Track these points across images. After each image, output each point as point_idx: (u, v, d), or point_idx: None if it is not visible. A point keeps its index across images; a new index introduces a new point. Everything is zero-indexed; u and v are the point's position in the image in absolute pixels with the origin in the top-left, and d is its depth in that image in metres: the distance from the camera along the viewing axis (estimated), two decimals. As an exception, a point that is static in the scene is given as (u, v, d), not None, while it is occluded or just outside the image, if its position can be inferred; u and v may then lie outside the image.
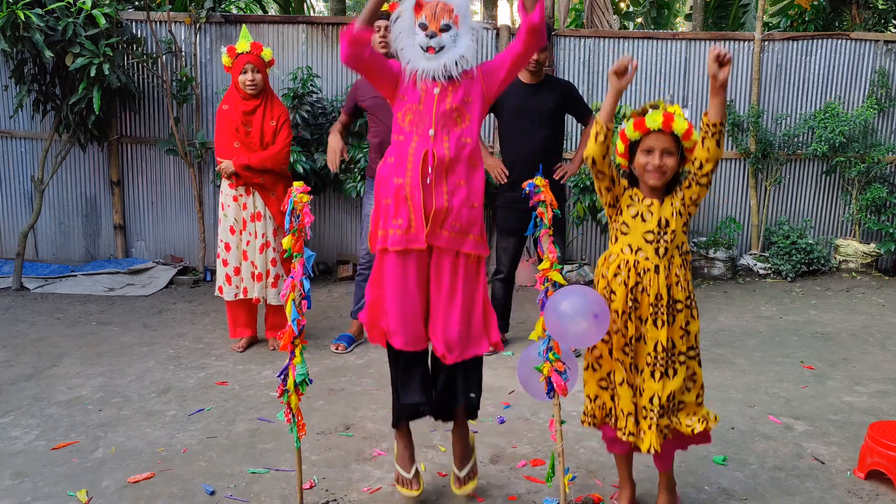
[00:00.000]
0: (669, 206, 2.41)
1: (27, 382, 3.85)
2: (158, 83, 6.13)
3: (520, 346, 4.51)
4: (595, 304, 2.37)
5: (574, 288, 2.44)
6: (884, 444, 2.80)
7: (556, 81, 4.43)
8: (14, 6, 5.00)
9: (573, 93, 4.38)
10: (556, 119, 4.33)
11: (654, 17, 9.95)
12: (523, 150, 4.25)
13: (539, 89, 4.27)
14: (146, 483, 2.82)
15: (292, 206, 2.40)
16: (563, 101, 4.31)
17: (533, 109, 4.26)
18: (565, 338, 2.39)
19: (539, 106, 4.23)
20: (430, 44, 2.44)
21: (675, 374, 2.41)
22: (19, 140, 6.28)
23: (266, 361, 4.21)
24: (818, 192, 6.77)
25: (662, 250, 2.39)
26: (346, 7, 9.23)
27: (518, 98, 4.24)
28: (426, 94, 2.49)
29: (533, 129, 4.26)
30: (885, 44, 6.54)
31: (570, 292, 2.40)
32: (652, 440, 2.40)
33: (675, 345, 2.41)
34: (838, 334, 4.89)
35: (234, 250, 4.28)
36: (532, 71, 4.23)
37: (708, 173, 2.38)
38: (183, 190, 6.35)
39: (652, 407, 2.41)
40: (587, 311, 2.34)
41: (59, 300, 5.50)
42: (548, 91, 4.28)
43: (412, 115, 2.50)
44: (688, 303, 2.43)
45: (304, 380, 2.40)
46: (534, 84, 4.28)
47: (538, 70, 4.24)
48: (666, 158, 2.37)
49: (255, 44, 4.17)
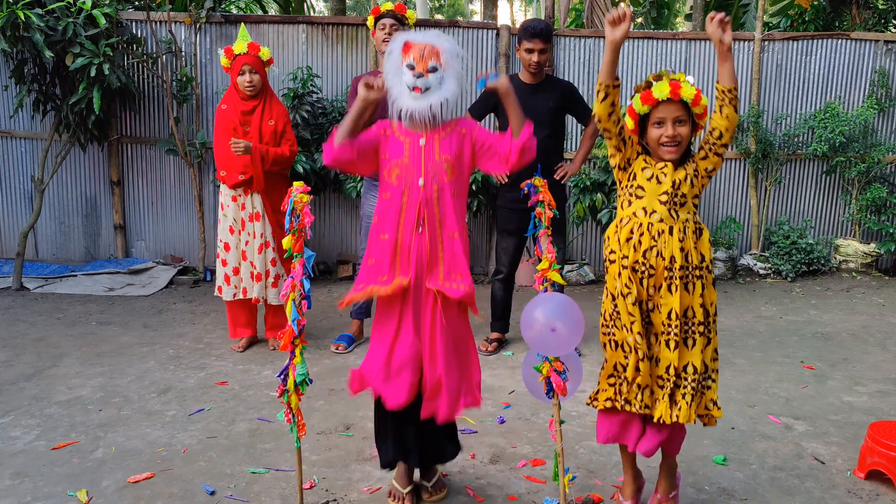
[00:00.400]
0: (683, 171, 2.39)
1: (27, 382, 3.85)
2: (158, 83, 6.13)
3: (520, 346, 4.51)
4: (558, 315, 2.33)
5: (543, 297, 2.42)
6: (884, 444, 2.80)
7: (557, 82, 4.43)
8: (14, 6, 5.00)
9: (574, 93, 4.37)
10: (556, 119, 4.31)
11: (655, 17, 9.96)
12: None
13: (539, 89, 4.25)
14: (146, 483, 2.82)
15: (292, 206, 2.40)
16: (563, 102, 4.31)
17: (533, 110, 4.16)
18: (539, 347, 2.39)
19: (539, 106, 4.18)
20: (416, 83, 2.45)
21: (693, 344, 2.36)
22: (19, 140, 6.28)
23: (266, 361, 4.21)
24: (818, 192, 6.77)
25: (675, 213, 2.36)
26: (347, 7, 9.24)
27: (518, 98, 4.18)
28: (412, 144, 2.52)
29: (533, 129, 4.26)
30: (885, 44, 6.54)
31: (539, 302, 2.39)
32: (663, 410, 2.36)
33: (695, 313, 2.37)
34: (838, 334, 4.89)
35: (233, 250, 4.28)
36: (532, 72, 4.21)
37: (727, 143, 2.37)
38: (183, 190, 6.35)
39: (668, 377, 2.36)
40: (547, 323, 2.32)
41: (60, 300, 5.50)
42: (548, 91, 4.27)
43: (399, 169, 2.51)
44: (704, 272, 2.38)
45: (304, 380, 2.40)
46: (534, 84, 4.26)
47: (538, 71, 4.22)
48: (679, 128, 2.34)
49: (252, 44, 4.15)
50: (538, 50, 4.14)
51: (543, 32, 4.13)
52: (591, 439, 3.21)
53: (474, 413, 3.48)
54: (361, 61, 6.24)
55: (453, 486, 2.81)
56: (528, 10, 21.95)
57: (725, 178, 6.67)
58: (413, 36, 2.53)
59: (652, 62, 6.44)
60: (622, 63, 6.44)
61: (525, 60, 4.20)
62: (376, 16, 4.42)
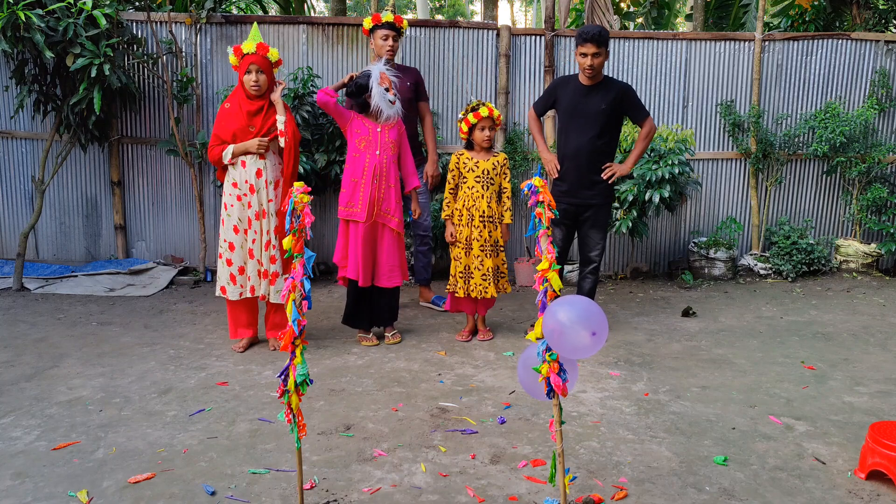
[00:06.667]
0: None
1: (28, 383, 3.85)
2: (159, 83, 6.13)
3: (520, 346, 4.51)
4: (596, 320, 2.34)
5: (577, 299, 2.42)
6: (885, 445, 2.80)
7: (613, 83, 4.53)
8: (15, 7, 5.00)
9: (629, 94, 4.50)
10: (608, 121, 4.46)
11: (655, 18, 9.95)
12: (570, 148, 4.52)
13: (594, 91, 4.45)
14: (147, 483, 2.82)
15: (292, 206, 2.40)
16: (617, 103, 4.45)
17: (584, 110, 4.45)
18: (562, 348, 2.38)
19: (590, 107, 4.42)
20: (391, 99, 4.35)
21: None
22: (20, 140, 6.29)
23: (266, 362, 4.22)
24: (819, 192, 6.77)
25: (485, 186, 4.49)
26: (347, 7, 9.24)
27: (573, 98, 4.50)
28: (373, 130, 4.38)
29: (582, 128, 4.47)
30: (885, 44, 6.54)
31: (572, 303, 2.39)
32: (493, 293, 4.53)
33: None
34: (839, 334, 4.89)
35: (238, 249, 4.28)
36: (588, 75, 4.41)
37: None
38: (183, 190, 6.36)
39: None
40: (587, 326, 2.32)
41: (60, 300, 5.50)
42: (603, 93, 4.44)
43: (365, 142, 4.36)
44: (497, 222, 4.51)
45: (305, 380, 2.40)
46: (589, 86, 4.46)
47: (594, 74, 4.40)
48: (491, 132, 4.49)
49: (260, 45, 4.17)
50: (591, 54, 4.32)
51: (596, 37, 4.30)
52: (591, 440, 3.21)
53: (475, 413, 3.49)
54: (361, 61, 6.24)
55: (453, 486, 2.82)
56: (528, 10, 21.94)
57: (726, 179, 6.67)
58: (380, 67, 4.39)
59: (652, 62, 6.44)
60: (623, 63, 6.44)
61: (580, 64, 4.41)
62: (376, 24, 5.10)
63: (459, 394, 3.75)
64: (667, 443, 3.20)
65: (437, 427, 3.33)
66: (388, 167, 4.37)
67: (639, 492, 2.77)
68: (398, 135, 4.44)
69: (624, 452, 3.10)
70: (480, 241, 4.50)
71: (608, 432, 3.30)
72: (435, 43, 6.29)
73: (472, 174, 4.51)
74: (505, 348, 4.51)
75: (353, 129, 4.35)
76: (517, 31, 6.38)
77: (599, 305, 2.69)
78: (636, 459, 3.04)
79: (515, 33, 6.36)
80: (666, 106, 6.53)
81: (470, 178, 4.51)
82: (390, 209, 4.39)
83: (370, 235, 4.38)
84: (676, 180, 5.74)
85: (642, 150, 4.60)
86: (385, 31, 5.08)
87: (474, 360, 4.29)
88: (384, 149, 4.34)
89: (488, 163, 4.50)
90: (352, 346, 4.51)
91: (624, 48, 6.42)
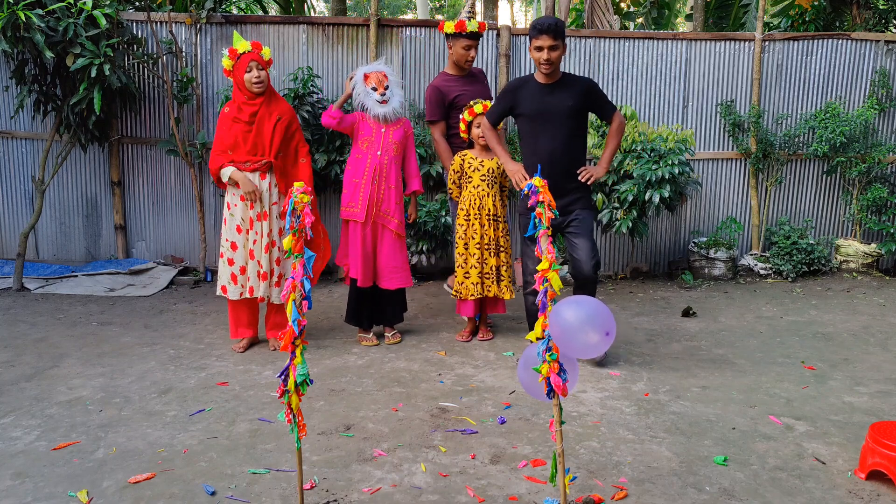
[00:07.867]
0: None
1: (28, 383, 3.85)
2: (159, 84, 6.13)
3: (520, 346, 4.51)
4: (607, 321, 2.34)
5: (586, 299, 2.43)
6: (885, 445, 2.80)
7: (575, 79, 4.16)
8: (15, 7, 5.00)
9: (595, 89, 4.15)
10: (575, 119, 4.11)
11: (655, 18, 9.95)
12: (542, 154, 4.05)
13: (557, 88, 4.07)
14: (147, 483, 2.82)
15: (292, 206, 2.40)
16: (583, 100, 4.09)
17: (551, 110, 4.05)
18: (570, 347, 2.38)
19: (557, 106, 4.04)
20: (382, 98, 4.34)
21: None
22: (20, 140, 6.28)
23: (267, 362, 4.22)
24: (819, 192, 6.76)
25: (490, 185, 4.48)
26: (347, 7, 9.24)
27: (535, 99, 4.09)
28: (376, 131, 4.39)
29: (552, 131, 4.07)
30: (885, 44, 6.54)
31: (582, 303, 2.39)
32: (496, 291, 4.53)
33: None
34: (839, 334, 4.89)
35: (240, 249, 4.29)
36: (545, 72, 4.03)
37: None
38: (183, 190, 6.35)
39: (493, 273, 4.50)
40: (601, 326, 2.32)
41: (60, 301, 5.50)
42: (567, 89, 4.07)
43: (367, 143, 4.39)
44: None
45: (305, 380, 2.40)
46: (551, 84, 4.08)
47: (552, 70, 4.03)
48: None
49: (255, 42, 4.21)
50: (548, 47, 3.93)
51: (552, 28, 3.91)
52: (591, 440, 3.21)
53: (475, 413, 3.49)
54: (362, 61, 6.23)
55: (453, 486, 2.82)
56: (528, 10, 21.94)
57: (726, 179, 6.67)
58: (367, 68, 4.41)
59: (652, 62, 6.44)
60: (623, 63, 6.44)
61: (536, 59, 4.01)
62: (459, 31, 4.70)
63: (459, 394, 3.75)
64: (667, 443, 3.20)
65: (437, 427, 3.33)
66: (388, 168, 4.37)
67: (639, 492, 2.77)
68: (403, 136, 4.43)
69: (624, 452, 3.10)
70: (486, 240, 4.50)
71: (608, 432, 3.30)
72: (435, 43, 6.29)
73: (478, 173, 4.49)
74: (505, 348, 4.51)
75: (359, 131, 4.39)
76: (517, 31, 6.38)
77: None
78: (636, 459, 3.04)
79: (515, 33, 6.36)
80: (666, 106, 6.53)
81: (476, 178, 4.49)
82: (390, 210, 4.39)
83: (370, 236, 4.40)
84: (676, 180, 5.74)
85: (615, 146, 4.19)
86: (468, 42, 4.69)
87: (474, 360, 4.29)
88: (386, 149, 4.35)
89: (493, 161, 4.49)
90: (352, 346, 4.52)
91: (624, 48, 6.42)
